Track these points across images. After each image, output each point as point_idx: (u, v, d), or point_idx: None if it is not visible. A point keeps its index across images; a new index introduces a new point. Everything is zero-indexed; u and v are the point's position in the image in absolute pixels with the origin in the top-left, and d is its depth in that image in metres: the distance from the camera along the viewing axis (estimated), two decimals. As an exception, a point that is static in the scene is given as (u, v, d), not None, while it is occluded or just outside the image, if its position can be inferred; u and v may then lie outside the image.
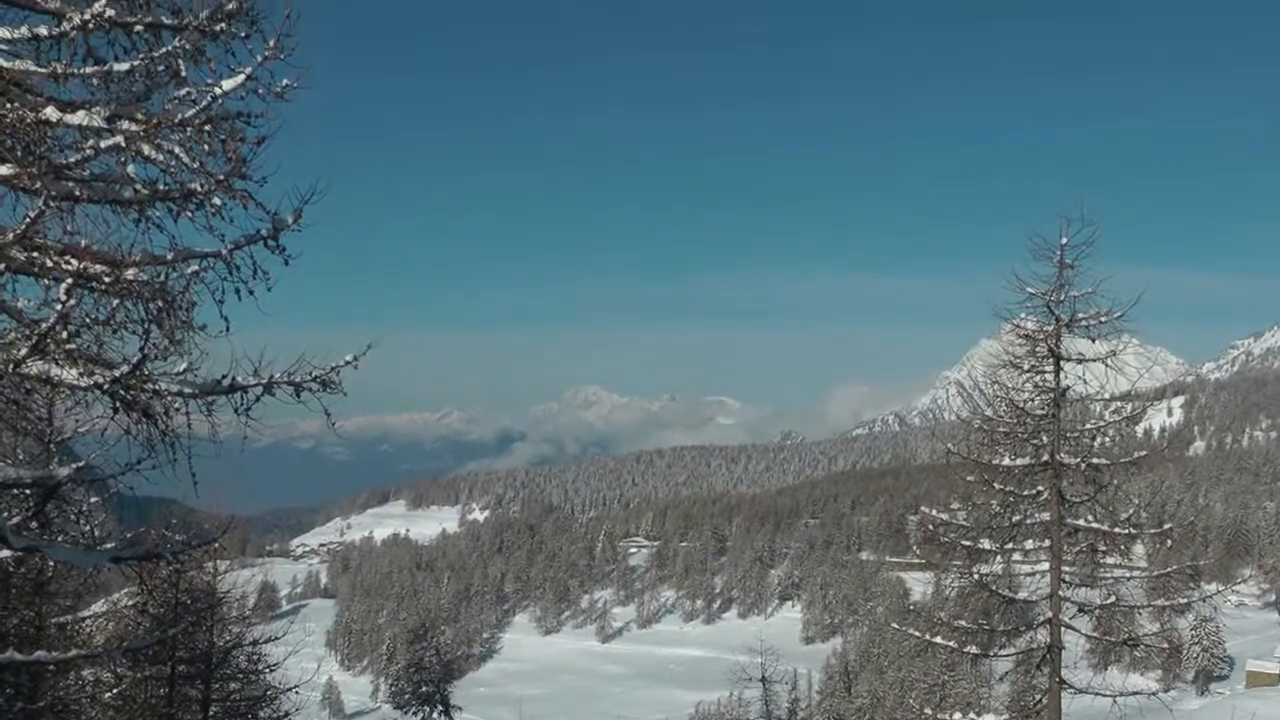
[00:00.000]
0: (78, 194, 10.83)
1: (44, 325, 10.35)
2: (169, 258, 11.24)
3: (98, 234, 11.10)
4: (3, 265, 10.53)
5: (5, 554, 17.32)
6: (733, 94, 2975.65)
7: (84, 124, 10.41)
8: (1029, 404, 25.42)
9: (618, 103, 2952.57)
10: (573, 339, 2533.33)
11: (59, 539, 20.18)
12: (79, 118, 10.38)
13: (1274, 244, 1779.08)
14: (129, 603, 29.85)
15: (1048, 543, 25.60)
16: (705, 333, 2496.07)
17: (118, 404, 11.23)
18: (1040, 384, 25.37)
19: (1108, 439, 27.04)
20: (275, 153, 11.55)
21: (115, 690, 27.86)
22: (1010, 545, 26.26)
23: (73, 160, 10.71)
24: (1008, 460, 25.50)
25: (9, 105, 10.11)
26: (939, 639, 27.06)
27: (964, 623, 26.46)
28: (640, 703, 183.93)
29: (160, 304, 11.36)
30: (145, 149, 10.90)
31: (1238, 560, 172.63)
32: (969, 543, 26.33)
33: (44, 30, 10.34)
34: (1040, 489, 25.45)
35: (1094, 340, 25.15)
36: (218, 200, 11.30)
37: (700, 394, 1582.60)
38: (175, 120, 10.78)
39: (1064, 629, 25.55)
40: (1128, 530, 25.65)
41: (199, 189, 11.18)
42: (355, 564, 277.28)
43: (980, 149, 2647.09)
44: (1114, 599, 26.11)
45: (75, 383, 10.91)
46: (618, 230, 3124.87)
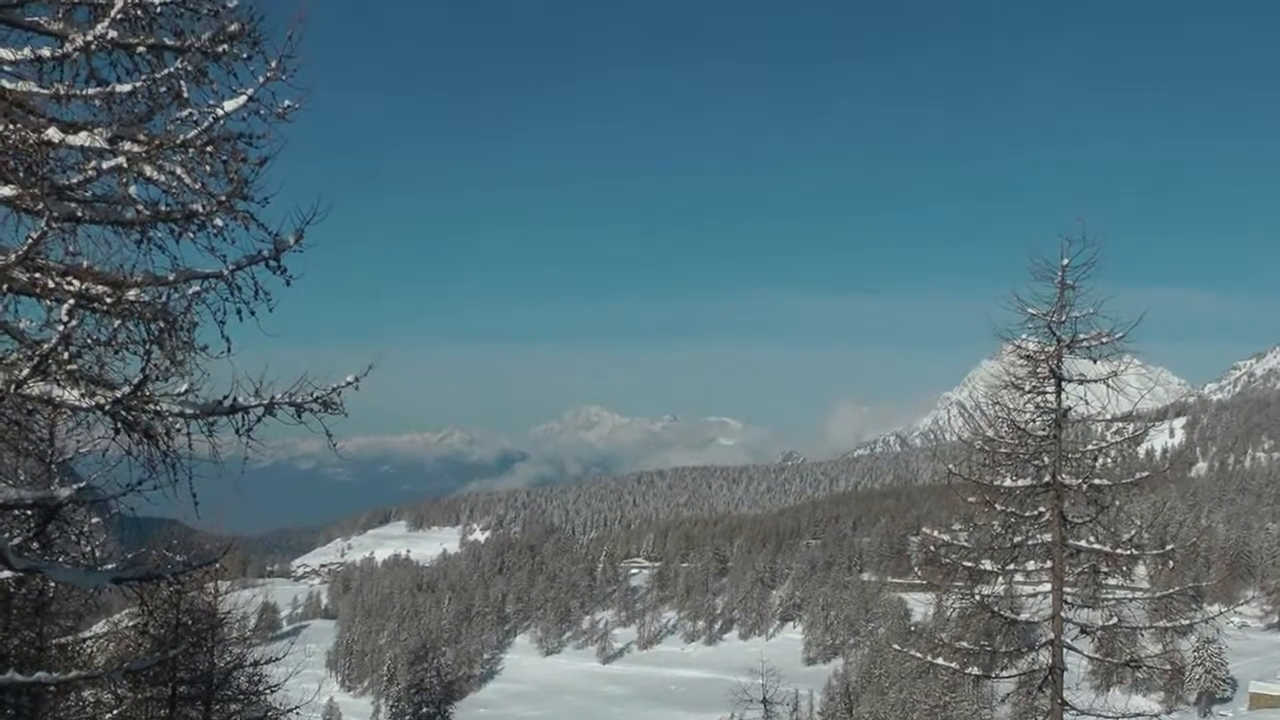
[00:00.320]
0: (80, 215, 10.84)
1: (46, 346, 10.34)
2: (171, 278, 11.24)
3: (100, 255, 11.12)
4: (5, 286, 10.53)
5: (6, 575, 17.31)
6: (734, 112, 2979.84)
7: (86, 145, 10.43)
8: (1030, 425, 25.40)
9: (619, 120, 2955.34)
10: (574, 359, 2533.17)
11: (60, 560, 20.18)
12: (81, 139, 10.40)
13: (1276, 264, 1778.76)
14: (130, 624, 29.81)
15: (1049, 564, 25.57)
16: (706, 353, 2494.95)
17: (119, 425, 11.23)
18: (1042, 405, 25.36)
19: (1109, 460, 26.99)
20: (277, 173, 11.58)
21: (116, 711, 27.80)
22: (1012, 566, 26.23)
23: (75, 181, 10.71)
24: (1009, 481, 25.47)
25: (12, 126, 10.13)
26: (941, 660, 27.03)
27: (966, 644, 26.41)
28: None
29: (162, 325, 11.37)
30: (147, 170, 10.92)
31: (1240, 582, 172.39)
32: (970, 564, 26.31)
33: (47, 51, 10.37)
34: (1042, 510, 25.43)
35: (1095, 361, 25.14)
36: (219, 221, 11.31)
37: (702, 414, 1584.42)
38: (177, 141, 10.80)
39: (1066, 650, 25.50)
40: (1130, 551, 25.63)
41: (201, 210, 11.20)
42: (356, 585, 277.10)
43: (981, 167, 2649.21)
44: (1116, 620, 26.08)
45: (77, 403, 10.90)
46: (619, 249, 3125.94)
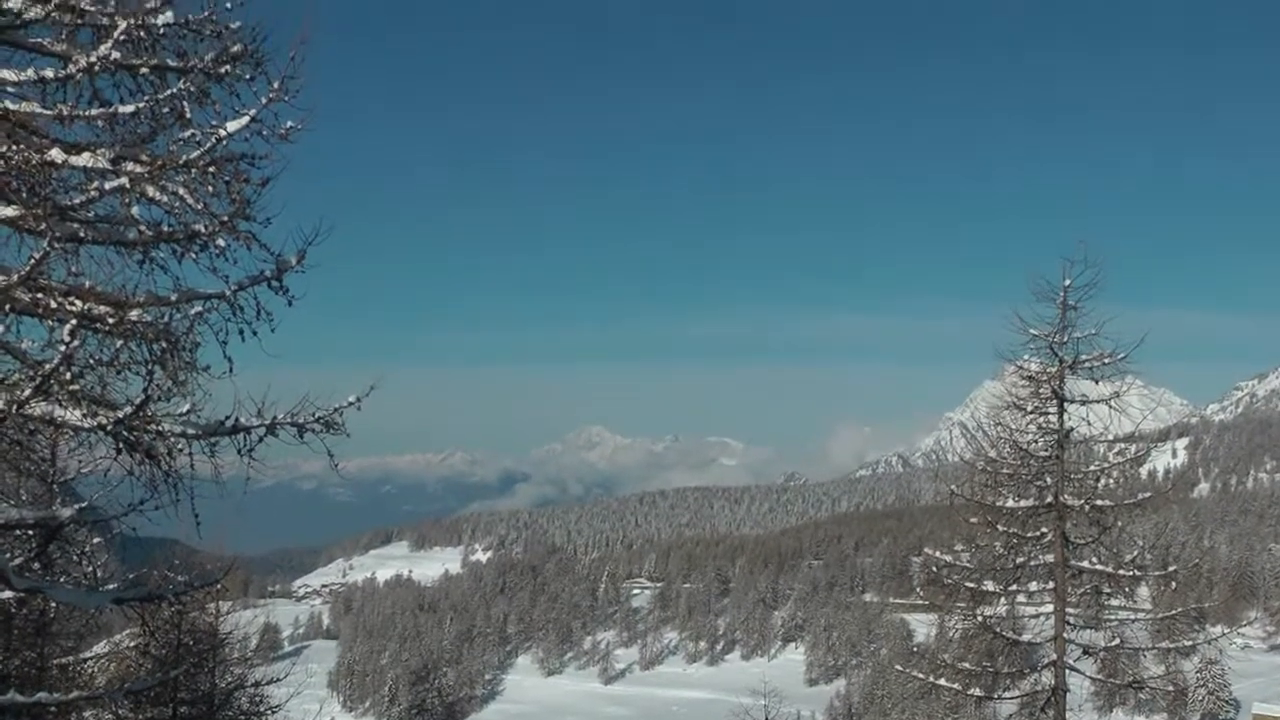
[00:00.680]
0: (82, 235, 10.86)
1: (48, 366, 10.35)
2: (173, 299, 11.27)
3: (102, 275, 11.15)
4: (8, 306, 10.54)
5: (8, 595, 17.30)
6: (733, 129, 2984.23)
7: (89, 165, 10.45)
8: (1032, 445, 25.41)
9: (620, 141, 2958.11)
10: (576, 380, 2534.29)
11: (61, 580, 20.15)
12: (84, 159, 10.43)
13: (1278, 285, 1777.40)
14: (131, 644, 29.74)
15: (1052, 585, 25.55)
16: (708, 374, 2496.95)
17: (121, 445, 11.23)
18: (1044, 425, 25.37)
19: (1112, 480, 26.99)
20: (280, 193, 11.60)
21: (117, 732, 27.74)
22: (1014, 587, 26.21)
23: (78, 202, 10.74)
24: (1011, 502, 25.46)
25: (15, 147, 10.15)
26: (943, 681, 26.99)
27: (968, 665, 26.39)
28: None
29: (164, 345, 11.38)
30: (150, 190, 10.94)
31: (1243, 602, 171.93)
32: (973, 584, 26.28)
33: (50, 73, 10.40)
34: (1044, 531, 25.42)
35: (1097, 381, 25.16)
36: (222, 241, 11.33)
37: (703, 435, 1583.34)
38: (180, 162, 10.83)
39: (1068, 671, 25.46)
40: (1132, 572, 25.63)
41: (203, 230, 11.22)
42: (358, 605, 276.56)
43: (982, 187, 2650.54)
44: (1119, 641, 26.06)
45: (79, 424, 10.90)
46: (619, 270, 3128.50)
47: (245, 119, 11.03)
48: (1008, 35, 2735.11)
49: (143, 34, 10.75)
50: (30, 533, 14.59)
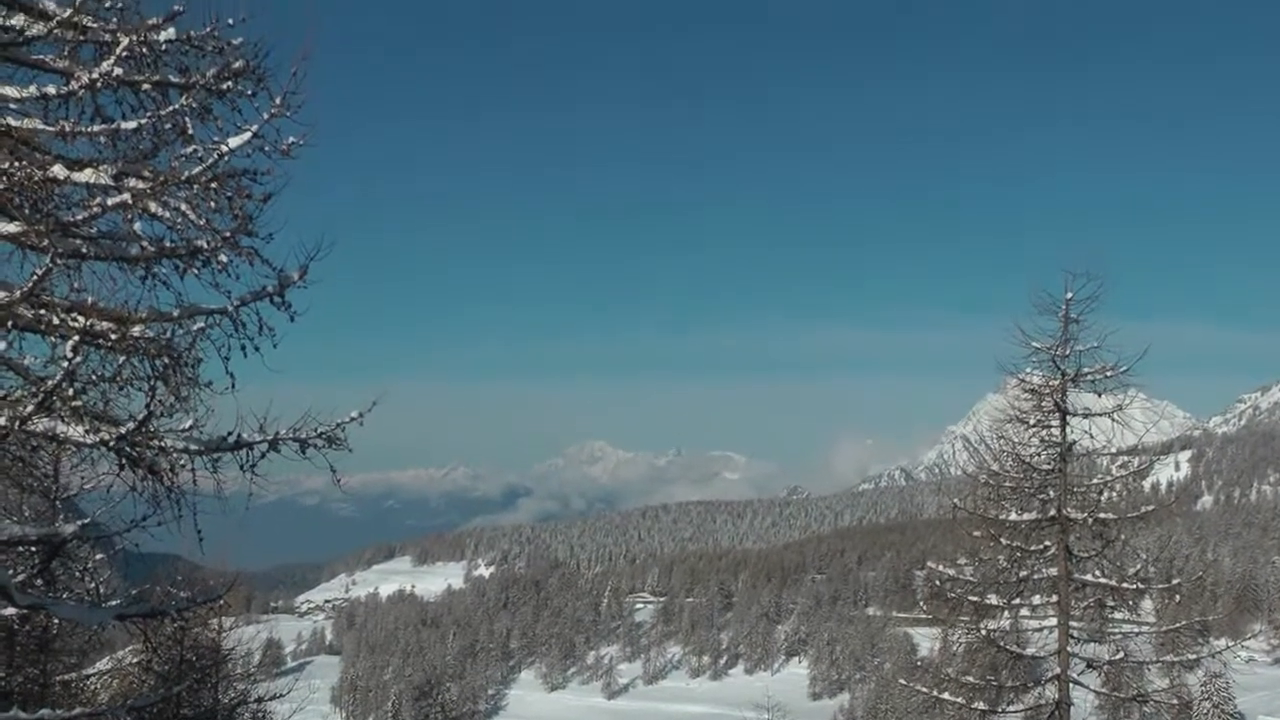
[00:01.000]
0: (85, 251, 10.86)
1: (50, 382, 10.35)
2: (175, 314, 11.27)
3: (104, 291, 11.15)
4: (10, 322, 10.55)
5: (10, 611, 17.30)
6: (735, 147, 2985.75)
7: (91, 181, 10.47)
8: (1035, 459, 25.38)
9: (620, 156, 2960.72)
10: (578, 394, 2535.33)
11: (64, 596, 20.17)
12: (86, 175, 10.44)
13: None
14: (134, 660, 29.78)
15: (1055, 598, 25.51)
16: (710, 387, 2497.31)
17: (123, 461, 11.23)
18: (1046, 439, 25.36)
19: (1115, 493, 26.97)
20: (282, 208, 11.62)
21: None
22: (1018, 600, 26.17)
23: (80, 218, 10.74)
24: (1014, 515, 25.43)
25: (17, 163, 10.16)
26: (947, 695, 26.92)
27: (972, 679, 26.33)
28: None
29: (166, 361, 11.39)
30: (152, 206, 10.95)
31: (1247, 615, 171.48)
32: (976, 598, 26.26)
33: (52, 89, 10.41)
34: (1047, 544, 25.39)
35: (1100, 394, 25.13)
36: (224, 257, 11.35)
37: (706, 449, 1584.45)
38: (182, 178, 10.84)
39: (1072, 685, 25.42)
40: (1136, 585, 25.58)
41: (205, 246, 11.23)
42: (360, 620, 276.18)
43: (983, 200, 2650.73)
44: (1123, 654, 26.02)
45: (81, 440, 10.90)
46: (622, 284, 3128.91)
47: (247, 135, 11.05)
48: (1007, 47, 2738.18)
49: (145, 50, 10.77)
50: (33, 549, 14.57)
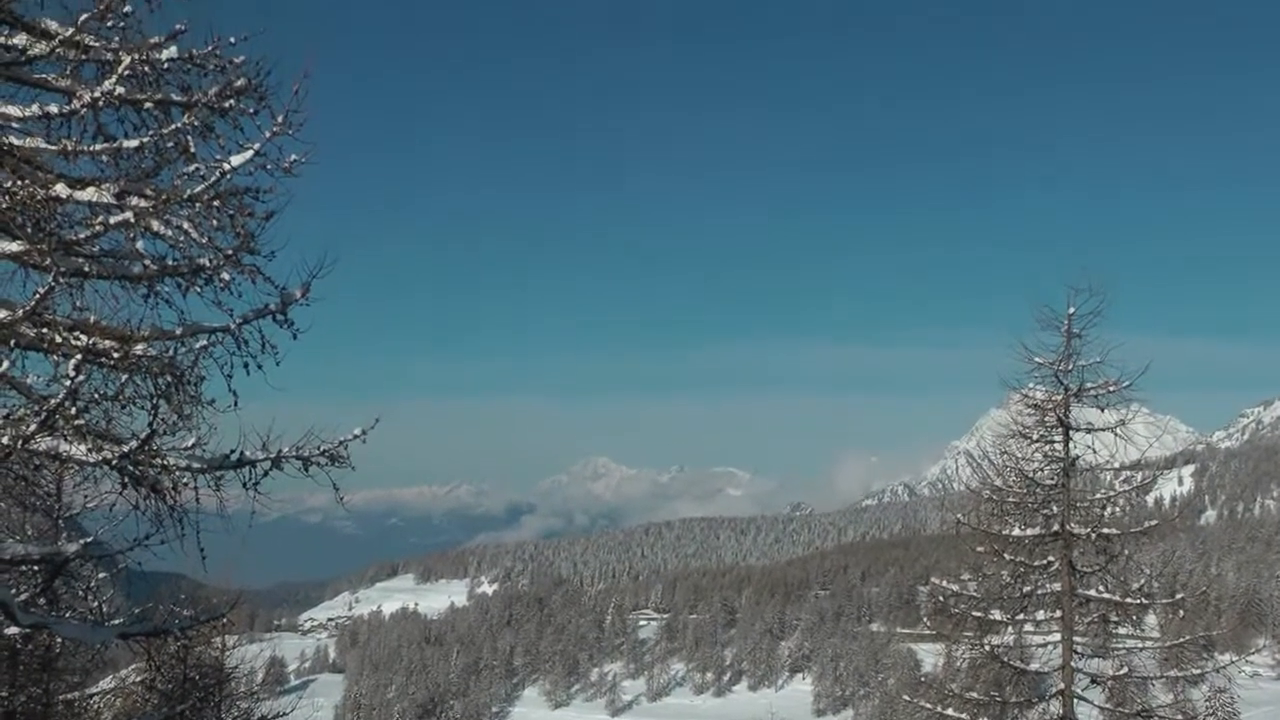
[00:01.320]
0: (87, 270, 10.88)
1: (53, 401, 10.36)
2: (178, 333, 11.29)
3: (107, 309, 11.17)
4: (12, 341, 10.56)
5: (13, 631, 17.28)
6: (736, 163, 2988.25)
7: (94, 200, 10.48)
8: (1038, 474, 25.37)
9: (622, 170, 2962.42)
10: (581, 411, 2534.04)
11: (67, 615, 20.18)
12: (89, 194, 10.45)
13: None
14: (137, 679, 29.69)
15: (1059, 613, 25.49)
16: (713, 404, 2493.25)
17: (126, 479, 11.24)
18: (1049, 454, 25.35)
19: (1118, 508, 26.93)
20: (284, 226, 11.64)
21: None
22: (1021, 616, 26.15)
23: (82, 236, 10.76)
24: (1018, 530, 25.42)
25: (19, 182, 10.17)
26: (951, 711, 26.87)
27: (976, 695, 26.29)
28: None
29: (169, 379, 11.40)
30: (154, 225, 10.97)
31: (1251, 630, 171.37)
32: (980, 614, 26.23)
33: (54, 108, 10.43)
34: (1051, 559, 25.37)
35: (1103, 409, 25.13)
36: (226, 275, 11.37)
37: (709, 465, 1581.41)
38: (184, 196, 10.86)
39: (1076, 701, 25.37)
40: (1139, 600, 25.54)
41: (208, 264, 11.25)
42: (364, 638, 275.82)
43: (984, 214, 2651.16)
44: (1127, 670, 25.97)
45: (84, 458, 10.91)
46: (623, 301, 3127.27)
47: (249, 153, 11.07)
48: (1006, 59, 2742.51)
49: (147, 69, 10.79)
50: (36, 568, 14.57)
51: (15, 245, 10.27)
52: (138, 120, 10.97)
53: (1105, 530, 25.02)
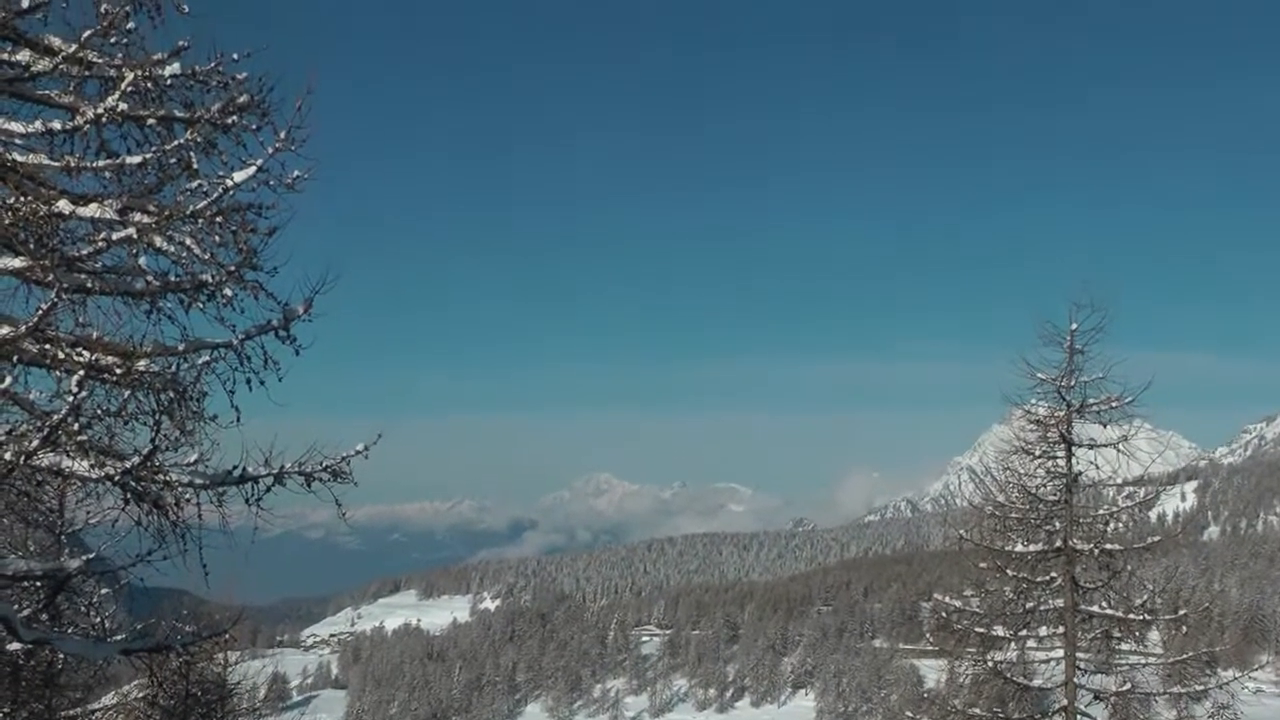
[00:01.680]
0: (90, 286, 10.89)
1: (55, 417, 10.36)
2: (180, 349, 11.30)
3: (109, 325, 11.18)
4: (15, 358, 10.57)
5: (15, 646, 17.28)
6: (735, 177, 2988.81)
7: (96, 216, 10.49)
8: (1041, 489, 25.38)
9: (622, 186, 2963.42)
10: (583, 427, 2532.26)
11: (69, 631, 20.16)
12: (91, 210, 10.46)
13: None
14: (139, 695, 29.67)
15: (1062, 629, 25.48)
16: (716, 419, 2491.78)
17: (129, 495, 11.25)
18: (1052, 469, 25.35)
19: (1121, 524, 26.93)
20: (286, 242, 11.65)
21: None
22: (1024, 632, 26.14)
23: (85, 252, 10.78)
24: (1020, 546, 25.41)
25: (22, 199, 10.18)
26: (954, 727, 26.85)
27: (979, 711, 26.28)
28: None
29: (171, 395, 11.41)
30: (157, 241, 10.99)
31: (1255, 646, 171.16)
32: (983, 629, 26.21)
33: (57, 124, 10.45)
34: (1054, 575, 25.36)
35: (1105, 425, 25.14)
36: (229, 291, 11.38)
37: (711, 481, 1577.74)
38: (187, 212, 10.88)
39: (1080, 717, 25.35)
40: (1142, 616, 25.53)
41: (210, 280, 11.27)
42: (366, 654, 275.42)
43: (986, 230, 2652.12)
44: (1130, 686, 25.95)
45: (86, 474, 10.92)
46: (625, 317, 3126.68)
47: (252, 169, 11.08)
48: (1007, 74, 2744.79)
49: (150, 85, 10.82)
50: (38, 584, 14.56)
51: (18, 261, 10.29)
52: (140, 136, 11.00)
53: (1108, 546, 25.02)
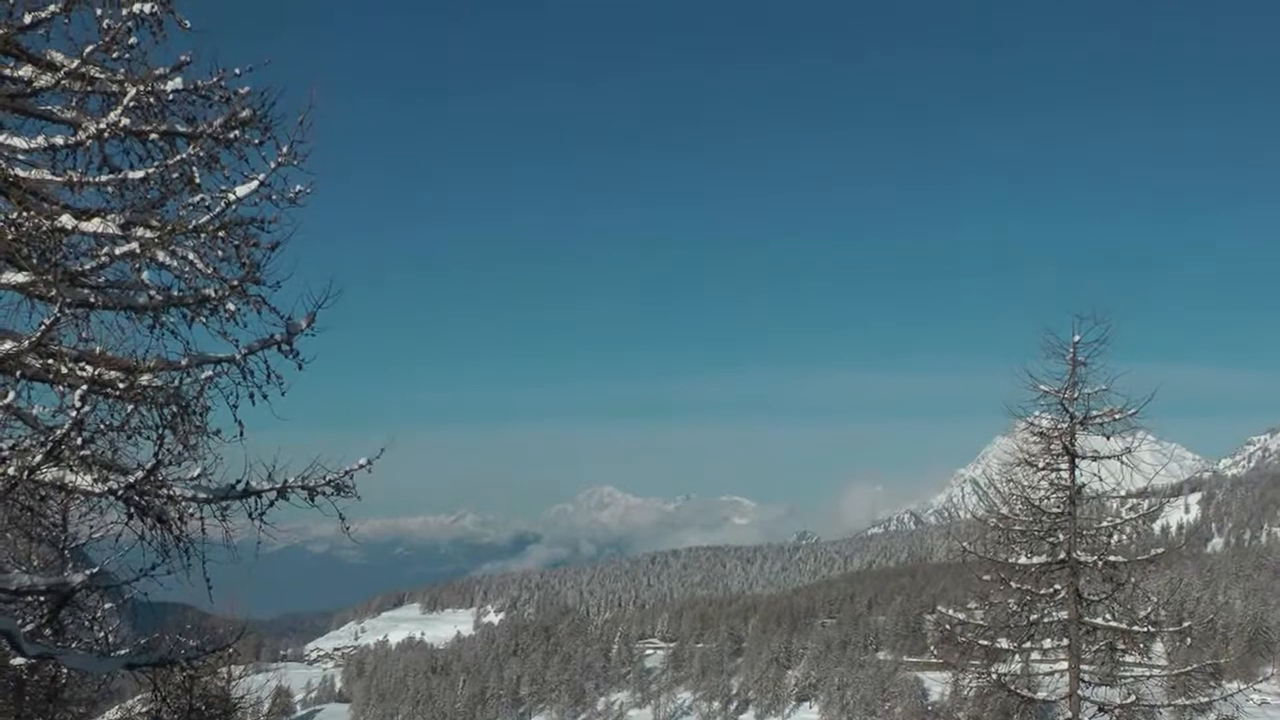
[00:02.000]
0: (93, 300, 10.90)
1: (59, 432, 10.37)
2: (183, 363, 11.30)
3: (112, 340, 11.20)
4: (18, 372, 10.58)
5: (19, 661, 17.28)
6: (735, 187, 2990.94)
7: (99, 231, 10.51)
8: (1045, 502, 25.37)
9: (622, 197, 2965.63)
10: (586, 440, 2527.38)
11: (73, 646, 20.12)
12: (94, 225, 10.48)
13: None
14: (143, 709, 29.69)
15: (1066, 641, 25.45)
16: (719, 432, 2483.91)
17: (132, 510, 11.25)
18: (1056, 481, 25.34)
19: (1124, 536, 26.94)
20: (288, 257, 11.65)
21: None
22: (1028, 644, 26.11)
23: (88, 267, 10.78)
24: (1024, 558, 25.41)
25: (25, 213, 10.20)
26: (958, 740, 26.86)
27: (983, 723, 26.25)
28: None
29: (174, 409, 11.41)
30: (160, 255, 11.01)
31: (1259, 658, 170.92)
32: (987, 642, 26.19)
33: (60, 140, 10.47)
34: (1057, 587, 25.34)
35: (1109, 437, 25.14)
36: (232, 305, 11.39)
37: (715, 494, 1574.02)
38: (190, 227, 10.89)
39: (1084, 729, 25.32)
40: (1146, 628, 25.51)
41: (213, 294, 11.28)
42: (370, 668, 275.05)
43: (988, 241, 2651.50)
44: (1134, 698, 25.91)
45: (90, 489, 10.92)
46: (629, 330, 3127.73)
47: (254, 184, 11.10)
48: (1008, 87, 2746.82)
49: (152, 100, 10.84)
50: (42, 599, 14.56)
51: (21, 276, 10.30)
52: (143, 151, 11.02)
53: (1112, 558, 25.01)
